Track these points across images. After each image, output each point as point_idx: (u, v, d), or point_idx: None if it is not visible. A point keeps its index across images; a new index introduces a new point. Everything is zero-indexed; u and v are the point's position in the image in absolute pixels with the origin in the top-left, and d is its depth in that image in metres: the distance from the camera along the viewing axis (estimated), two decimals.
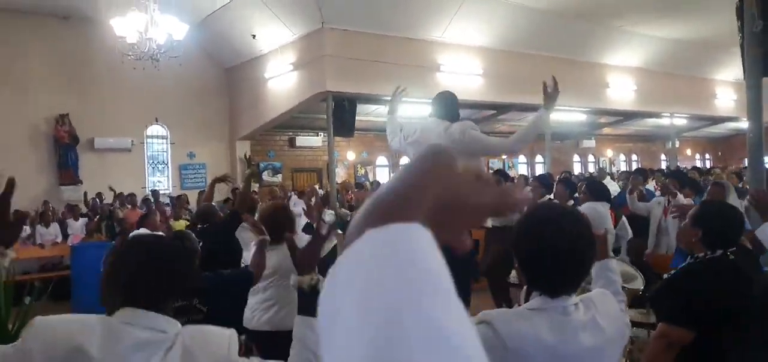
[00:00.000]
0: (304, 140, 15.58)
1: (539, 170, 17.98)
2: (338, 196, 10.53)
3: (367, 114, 13.84)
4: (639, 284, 4.03)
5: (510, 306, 3.46)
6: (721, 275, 2.45)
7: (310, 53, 11.41)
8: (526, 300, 1.72)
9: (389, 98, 12.99)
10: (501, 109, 15.22)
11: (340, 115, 11.07)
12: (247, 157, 7.87)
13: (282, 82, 12.33)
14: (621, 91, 15.96)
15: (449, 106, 3.96)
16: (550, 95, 3.70)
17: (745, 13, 5.37)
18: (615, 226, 6.28)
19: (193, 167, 14.38)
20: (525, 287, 1.81)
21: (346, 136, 11.70)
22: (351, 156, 16.52)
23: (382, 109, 14.16)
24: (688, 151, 24.81)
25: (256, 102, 13.33)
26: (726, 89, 19.36)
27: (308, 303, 1.64)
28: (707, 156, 26.01)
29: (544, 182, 6.36)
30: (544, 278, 1.54)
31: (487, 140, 3.94)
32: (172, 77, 12.34)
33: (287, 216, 3.85)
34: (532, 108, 14.33)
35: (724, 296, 2.43)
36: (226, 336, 1.56)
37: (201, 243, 3.10)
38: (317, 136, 15.61)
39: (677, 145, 20.19)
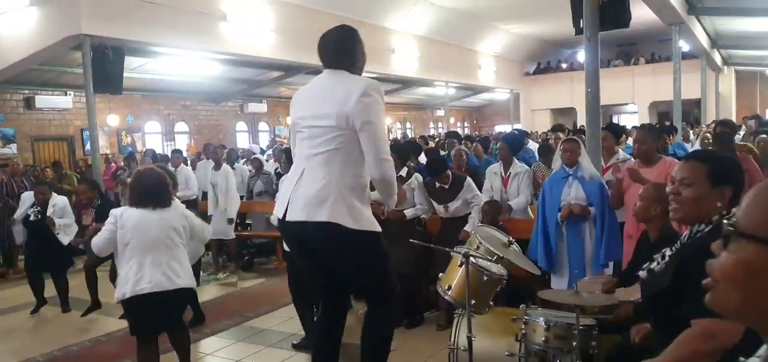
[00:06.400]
0: (47, 100, 12.42)
1: None
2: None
3: (132, 69, 11.52)
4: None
5: None
6: None
7: None
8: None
9: (161, 49, 10.87)
10: (290, 70, 14.14)
11: (103, 66, 8.78)
12: None
13: (14, 22, 9.38)
14: (405, 58, 16.12)
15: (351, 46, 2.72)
16: None
17: None
18: None
19: None
20: None
21: (113, 92, 9.39)
22: (113, 120, 13.78)
23: (153, 64, 11.95)
24: (452, 119, 26.89)
25: None
26: (488, 60, 21.16)
27: None
28: (466, 123, 28.55)
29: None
30: None
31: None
32: None
33: None
34: (319, 69, 13.52)
35: None
36: None
37: None
38: (67, 95, 12.60)
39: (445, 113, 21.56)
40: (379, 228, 2.67)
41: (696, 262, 1.79)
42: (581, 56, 24.82)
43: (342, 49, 2.69)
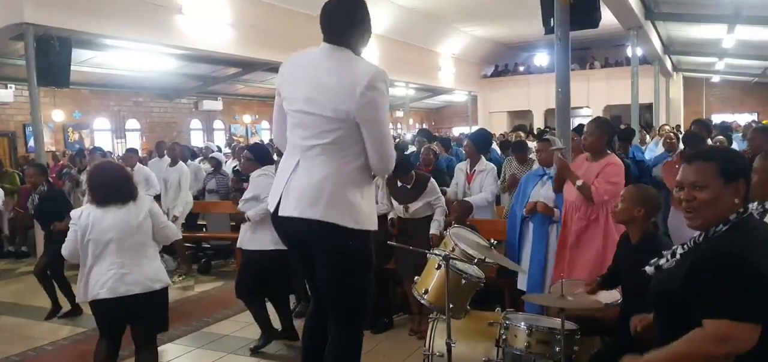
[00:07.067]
0: None
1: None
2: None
3: (81, 62, 10.92)
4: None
5: None
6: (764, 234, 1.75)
7: None
8: None
9: (112, 42, 10.27)
10: (247, 67, 13.76)
11: (48, 58, 8.24)
12: None
13: None
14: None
15: (360, 18, 2.42)
16: None
17: None
18: None
19: None
20: None
21: (59, 86, 8.82)
22: (58, 116, 13.08)
23: (103, 57, 11.38)
24: (411, 121, 26.86)
25: None
26: (447, 62, 21.20)
27: None
28: (424, 124, 28.57)
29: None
30: None
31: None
32: None
33: None
34: (278, 66, 13.15)
35: None
36: None
37: None
38: (7, 88, 11.87)
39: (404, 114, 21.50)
40: (375, 226, 2.41)
41: (710, 263, 1.69)
42: (538, 59, 25.32)
43: (349, 20, 2.33)
